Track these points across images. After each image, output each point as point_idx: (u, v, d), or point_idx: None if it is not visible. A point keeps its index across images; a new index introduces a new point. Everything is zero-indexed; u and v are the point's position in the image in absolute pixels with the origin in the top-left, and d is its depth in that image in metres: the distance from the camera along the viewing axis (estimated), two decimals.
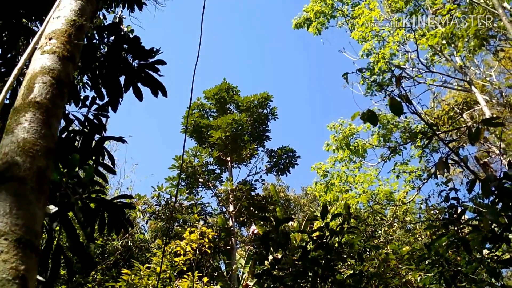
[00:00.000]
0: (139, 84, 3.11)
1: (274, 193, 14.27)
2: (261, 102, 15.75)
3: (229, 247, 12.46)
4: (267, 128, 16.10)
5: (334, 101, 42.04)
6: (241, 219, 13.96)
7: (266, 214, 13.54)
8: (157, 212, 12.02)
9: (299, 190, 26.11)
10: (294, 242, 9.72)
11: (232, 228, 13.01)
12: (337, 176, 12.90)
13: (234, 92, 16.55)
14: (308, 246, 3.90)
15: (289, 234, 3.88)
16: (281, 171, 14.84)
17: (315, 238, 3.86)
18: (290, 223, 15.02)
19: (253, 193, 13.77)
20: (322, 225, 3.87)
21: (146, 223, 12.40)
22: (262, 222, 12.08)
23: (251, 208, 13.55)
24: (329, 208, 12.62)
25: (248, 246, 13.72)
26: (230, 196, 13.54)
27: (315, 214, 13.76)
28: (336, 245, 3.86)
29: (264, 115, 15.85)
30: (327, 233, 3.85)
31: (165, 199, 12.18)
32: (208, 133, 15.05)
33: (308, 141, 41.46)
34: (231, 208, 13.56)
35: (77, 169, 2.57)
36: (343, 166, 13.00)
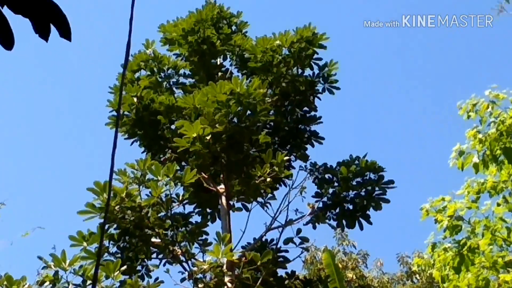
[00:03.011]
0: (6, 10, 3.13)
1: (333, 272, 13.93)
2: (299, 49, 15.52)
3: None
4: (311, 113, 16.00)
5: (468, 55, 42.23)
6: None
7: None
8: None
9: (394, 263, 26.86)
10: None
11: None
12: (486, 229, 13.14)
13: (235, 29, 16.66)
14: None
15: None
16: (349, 218, 14.45)
17: None
18: None
19: (281, 272, 13.85)
20: None
21: None
22: None
23: None
24: None
25: None
26: (227, 279, 13.37)
27: None
28: None
29: (306, 82, 15.65)
30: None
31: (70, 287, 12.42)
32: (173, 126, 15.02)
33: (404, 147, 42.00)
34: None
35: None
36: (500, 203, 12.97)
